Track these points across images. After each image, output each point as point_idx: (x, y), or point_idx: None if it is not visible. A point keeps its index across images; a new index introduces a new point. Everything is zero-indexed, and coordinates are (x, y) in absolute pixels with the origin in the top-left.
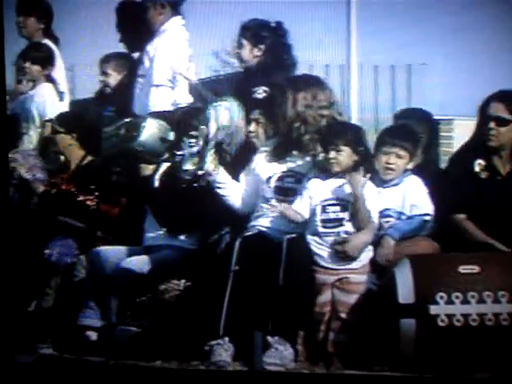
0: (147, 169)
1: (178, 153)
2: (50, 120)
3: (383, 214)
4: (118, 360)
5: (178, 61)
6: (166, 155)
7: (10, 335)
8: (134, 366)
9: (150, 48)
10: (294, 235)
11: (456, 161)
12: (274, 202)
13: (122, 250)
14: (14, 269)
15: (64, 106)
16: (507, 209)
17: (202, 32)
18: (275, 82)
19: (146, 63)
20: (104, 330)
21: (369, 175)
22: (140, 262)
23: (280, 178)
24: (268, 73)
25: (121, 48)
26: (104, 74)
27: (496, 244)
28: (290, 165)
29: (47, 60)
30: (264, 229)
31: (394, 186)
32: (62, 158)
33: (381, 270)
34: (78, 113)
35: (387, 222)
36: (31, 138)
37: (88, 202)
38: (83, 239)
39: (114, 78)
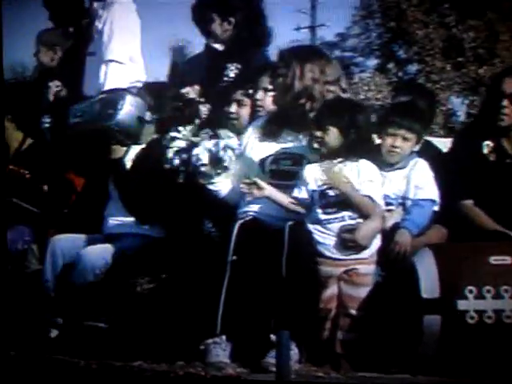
0: (119, 150)
1: (172, 134)
2: None
3: (384, 202)
4: (87, 360)
5: (129, 34)
6: (142, 136)
7: None
8: (108, 365)
9: (99, 23)
10: (295, 221)
11: (461, 142)
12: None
13: (81, 238)
14: None
15: None
16: None
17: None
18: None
19: (96, 39)
20: (67, 327)
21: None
22: (102, 252)
23: (275, 160)
24: (241, 48)
25: None
26: (37, 51)
27: (509, 233)
28: (287, 145)
29: None
30: (260, 215)
31: (398, 169)
32: None
33: (389, 261)
34: (13, 93)
35: (388, 210)
36: None
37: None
38: (36, 225)
39: (45, 54)
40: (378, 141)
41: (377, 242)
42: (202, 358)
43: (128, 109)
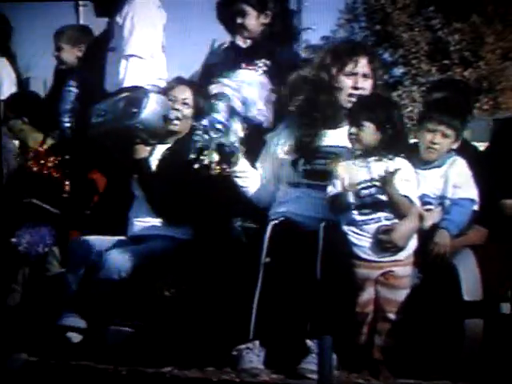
0: (143, 150)
1: (203, 122)
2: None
3: (422, 201)
4: (114, 366)
5: (151, 29)
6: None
7: None
8: (138, 372)
9: (119, 18)
10: (330, 222)
11: (501, 140)
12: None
13: (105, 240)
14: None
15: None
16: None
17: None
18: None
19: (116, 35)
20: (92, 331)
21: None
22: (128, 254)
23: (309, 160)
24: (272, 44)
25: None
26: (57, 48)
27: None
28: (321, 143)
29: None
30: (293, 215)
31: (435, 167)
32: (17, 143)
33: (428, 262)
34: (29, 94)
35: (427, 209)
36: None
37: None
38: (57, 227)
39: (68, 52)
40: (413, 139)
41: (413, 243)
42: (234, 364)
43: (152, 107)
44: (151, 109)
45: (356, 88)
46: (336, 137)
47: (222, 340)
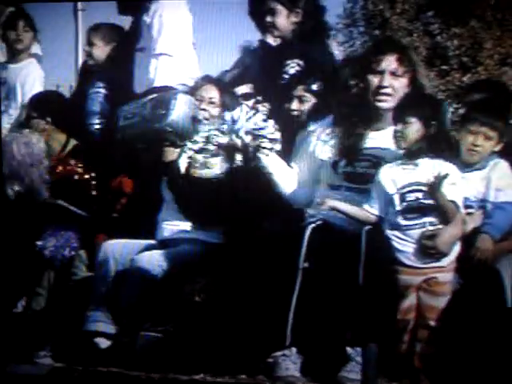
0: (172, 152)
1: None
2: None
3: (463, 205)
4: (147, 373)
5: (179, 28)
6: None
7: None
8: (169, 379)
9: (147, 17)
10: (373, 226)
11: None
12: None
13: (134, 243)
14: None
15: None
16: None
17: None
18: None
19: (144, 34)
20: (120, 337)
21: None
22: (157, 258)
23: (350, 162)
24: (307, 43)
25: None
26: (89, 43)
27: None
28: (363, 145)
29: (36, 27)
30: (332, 218)
31: (477, 170)
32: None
33: (470, 268)
34: (53, 93)
35: (468, 213)
36: (10, 119)
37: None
38: (84, 230)
39: (101, 50)
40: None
41: (456, 249)
42: (269, 372)
43: (181, 108)
44: (179, 110)
45: (381, 87)
46: (378, 139)
47: (256, 346)
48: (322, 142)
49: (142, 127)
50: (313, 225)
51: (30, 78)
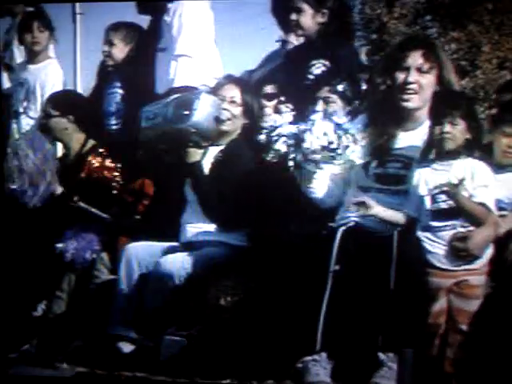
0: (195, 153)
1: (269, 124)
2: None
3: (496, 207)
4: (173, 378)
5: (201, 28)
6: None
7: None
8: None
9: (167, 17)
10: (404, 228)
11: None
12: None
13: (157, 246)
14: (16, 265)
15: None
16: None
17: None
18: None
19: (165, 34)
20: (145, 341)
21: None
22: (182, 261)
23: (381, 163)
24: (330, 43)
25: None
26: (109, 43)
27: None
28: (394, 146)
29: (52, 26)
30: (363, 220)
31: (511, 172)
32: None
33: (503, 271)
34: (74, 92)
35: (501, 215)
36: (30, 120)
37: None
38: (105, 232)
39: (121, 50)
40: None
41: (489, 251)
42: (297, 377)
43: (204, 108)
44: (203, 110)
45: (408, 83)
46: (409, 139)
47: (285, 351)
48: (352, 144)
49: (165, 128)
50: (344, 227)
51: (50, 79)
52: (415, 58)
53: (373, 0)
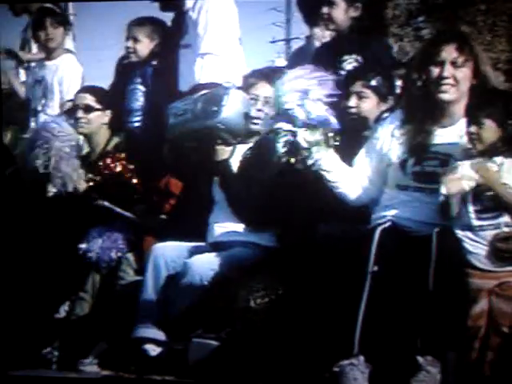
0: (224, 151)
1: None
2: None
3: None
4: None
5: (227, 23)
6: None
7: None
8: None
9: (192, 12)
10: (443, 227)
11: None
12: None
13: (185, 246)
14: (38, 266)
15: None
16: None
17: None
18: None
19: (190, 31)
20: (172, 344)
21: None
22: (210, 262)
23: (419, 161)
24: (363, 38)
25: None
26: (133, 39)
27: None
28: (432, 143)
29: (67, 21)
30: (400, 220)
31: None
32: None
33: None
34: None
35: None
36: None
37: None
38: (130, 232)
39: (146, 46)
40: None
41: None
42: (334, 382)
43: (233, 104)
44: (232, 106)
45: (443, 77)
46: (447, 135)
47: (321, 354)
48: (388, 140)
49: (194, 125)
50: (381, 226)
51: (68, 75)
52: (449, 52)
53: None
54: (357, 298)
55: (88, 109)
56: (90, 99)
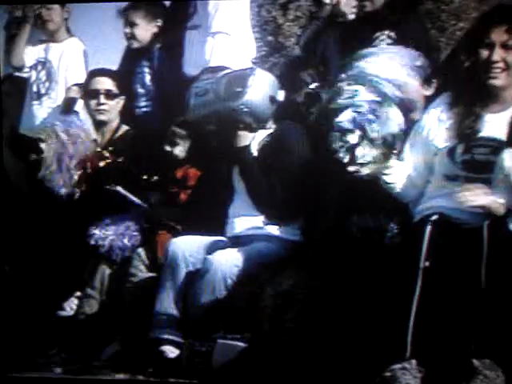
0: (246, 136)
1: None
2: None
3: None
4: None
5: (239, 2)
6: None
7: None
8: None
9: None
10: (494, 219)
11: None
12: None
13: (205, 240)
14: (42, 259)
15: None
16: None
17: None
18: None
19: (199, 11)
20: (194, 346)
21: None
22: (233, 257)
23: (469, 148)
24: (399, 13)
25: None
26: (130, 24)
27: None
28: (483, 129)
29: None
30: (447, 211)
31: None
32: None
33: None
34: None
35: None
36: (53, 101)
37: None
38: (144, 221)
39: (144, 29)
40: None
41: None
42: None
43: (259, 86)
44: (258, 88)
45: (492, 61)
46: (498, 121)
47: (370, 358)
48: (435, 127)
49: (216, 106)
50: (432, 218)
51: (74, 61)
52: (499, 34)
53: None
54: (407, 297)
55: (109, 94)
56: (110, 84)
